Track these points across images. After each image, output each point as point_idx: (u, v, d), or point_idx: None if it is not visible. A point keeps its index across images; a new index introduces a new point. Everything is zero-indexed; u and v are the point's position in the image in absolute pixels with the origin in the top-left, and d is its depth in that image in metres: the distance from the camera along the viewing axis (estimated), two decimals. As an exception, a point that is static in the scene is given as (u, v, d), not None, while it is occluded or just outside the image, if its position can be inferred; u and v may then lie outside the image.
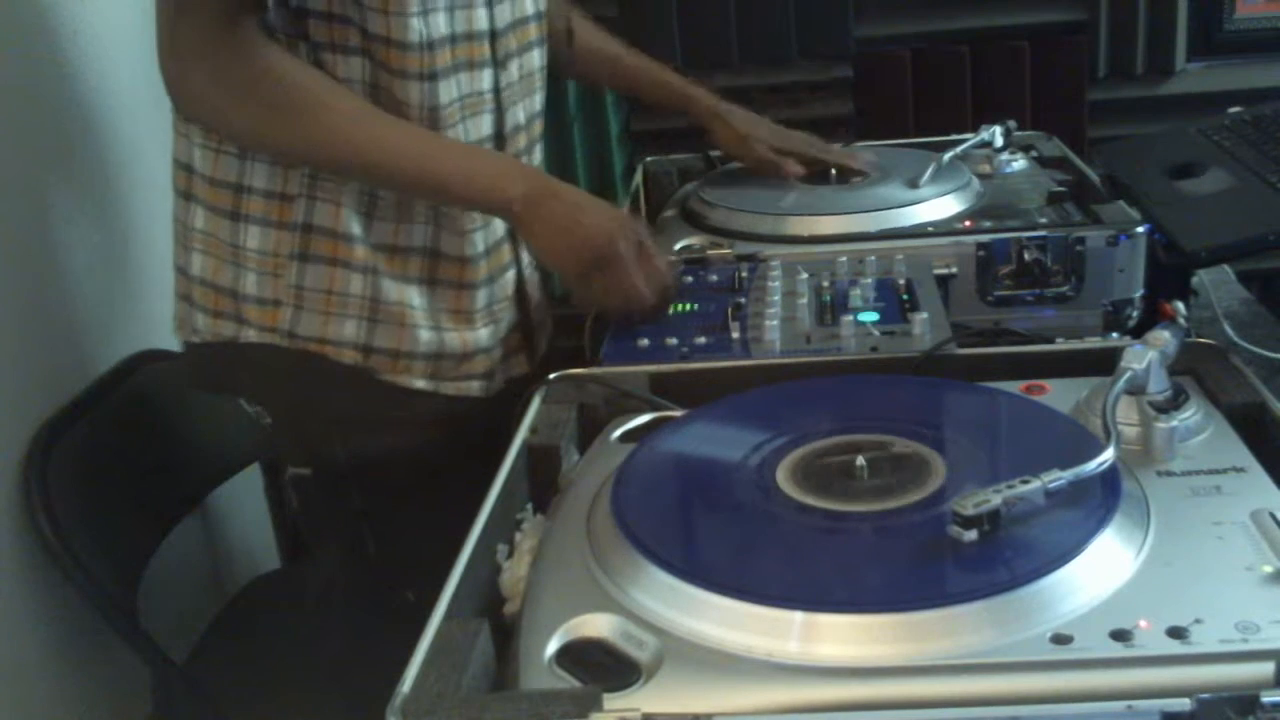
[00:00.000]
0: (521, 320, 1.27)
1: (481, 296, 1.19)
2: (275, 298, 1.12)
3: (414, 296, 1.15)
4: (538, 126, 1.28)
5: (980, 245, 1.18)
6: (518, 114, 1.22)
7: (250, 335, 1.14)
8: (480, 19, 1.15)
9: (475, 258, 1.18)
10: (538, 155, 1.29)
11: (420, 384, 1.17)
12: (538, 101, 1.27)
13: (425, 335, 1.15)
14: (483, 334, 1.20)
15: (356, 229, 1.12)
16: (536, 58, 1.24)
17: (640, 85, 1.53)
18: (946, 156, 1.38)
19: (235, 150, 1.10)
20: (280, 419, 1.20)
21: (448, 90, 1.12)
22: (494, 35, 1.17)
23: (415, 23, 1.07)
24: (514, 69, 1.20)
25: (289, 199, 1.11)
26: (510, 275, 1.24)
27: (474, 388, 1.20)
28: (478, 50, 1.15)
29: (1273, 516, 0.68)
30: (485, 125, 1.18)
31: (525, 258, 1.26)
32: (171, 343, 1.52)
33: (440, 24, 1.10)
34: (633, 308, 1.09)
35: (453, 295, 1.18)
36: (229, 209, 1.12)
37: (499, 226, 1.21)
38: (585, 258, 1.08)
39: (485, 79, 1.17)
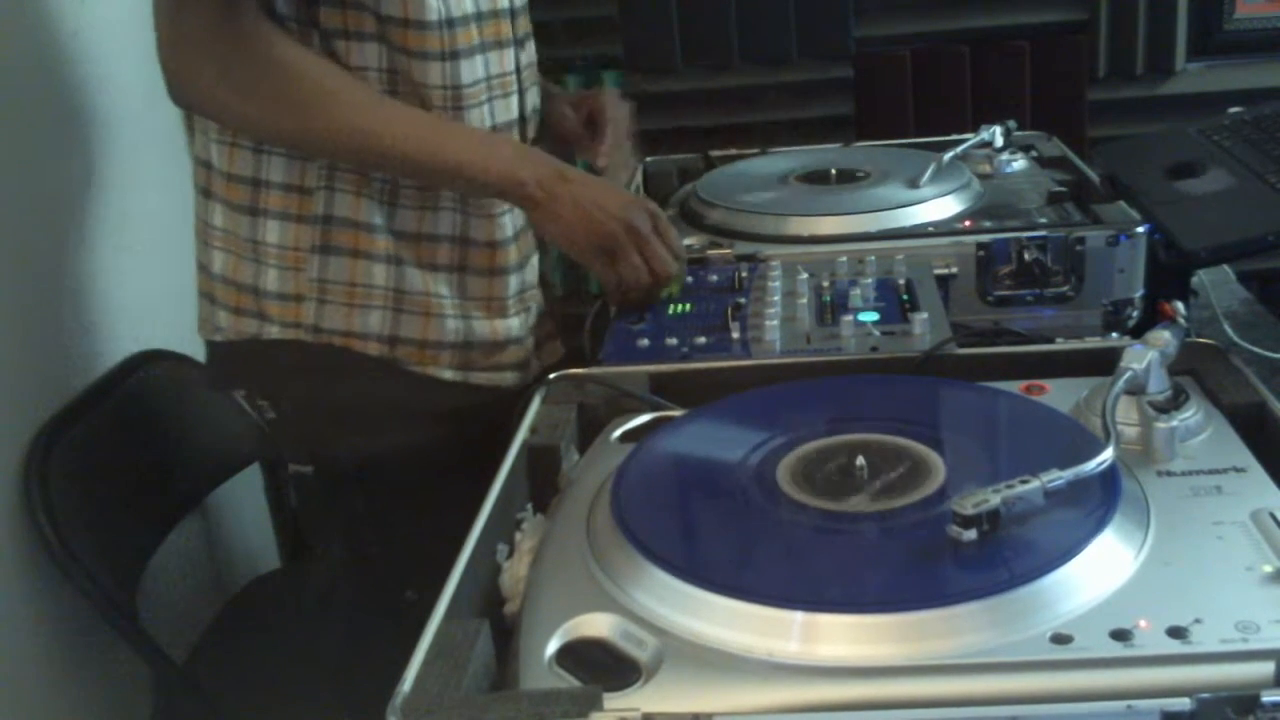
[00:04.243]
0: (548, 307, 1.27)
1: (514, 283, 1.19)
2: (297, 293, 1.12)
3: (441, 285, 1.15)
4: (537, 119, 1.28)
5: (980, 245, 1.18)
6: (533, 97, 1.22)
7: (273, 332, 1.14)
8: None
9: (505, 242, 1.17)
10: None
11: (448, 375, 1.16)
12: (537, 92, 1.27)
13: (452, 324, 1.15)
14: (514, 323, 1.20)
15: (378, 219, 1.11)
16: (532, 49, 1.25)
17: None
18: (946, 156, 1.38)
19: (251, 145, 1.10)
20: (289, 415, 1.20)
21: (471, 70, 1.11)
22: (513, 13, 1.17)
23: (433, 1, 1.07)
24: (528, 50, 1.21)
25: (308, 192, 1.10)
26: (536, 260, 1.24)
27: (508, 379, 1.20)
28: (503, 28, 1.15)
29: (1273, 516, 0.68)
30: (513, 108, 1.19)
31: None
32: (171, 342, 1.53)
33: (466, 1, 1.10)
34: (657, 280, 1.09)
35: (484, 283, 1.17)
36: (247, 204, 1.12)
37: None
38: (602, 235, 1.08)
39: (510, 59, 1.17)
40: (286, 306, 1.13)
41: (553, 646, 0.64)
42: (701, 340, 1.03)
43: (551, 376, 0.95)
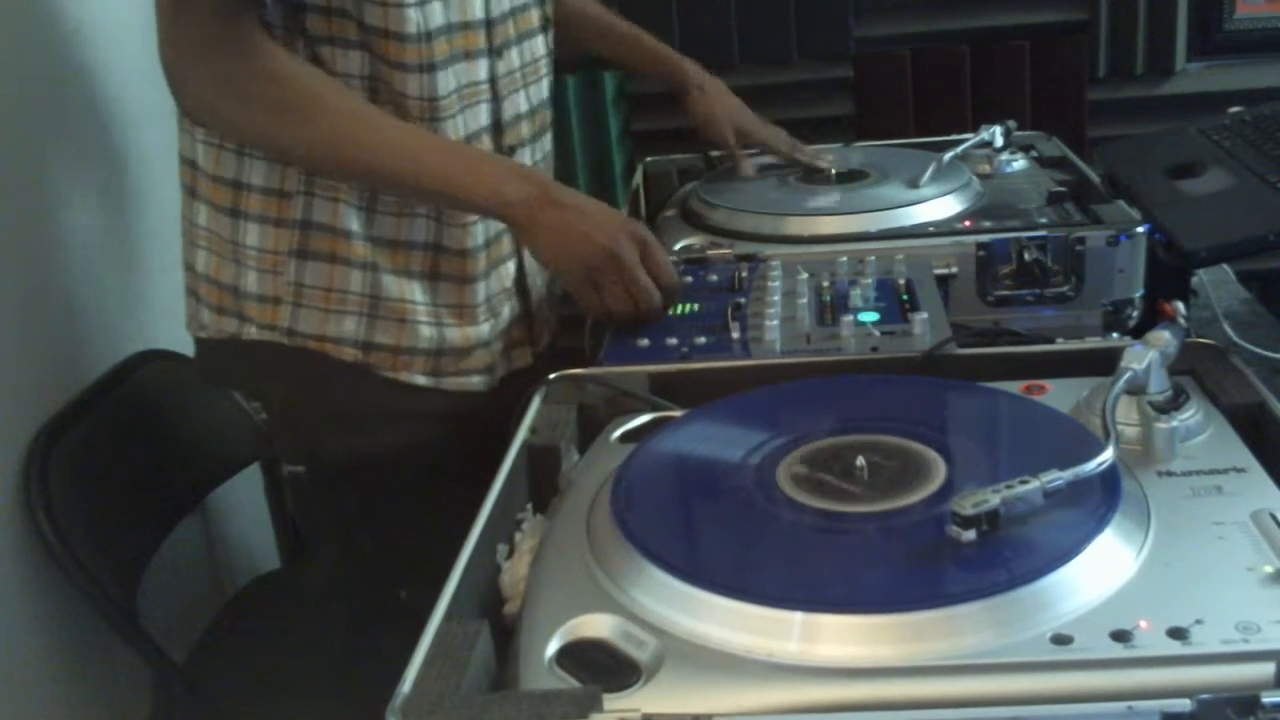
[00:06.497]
0: (523, 312, 1.27)
1: (481, 290, 1.19)
2: (275, 295, 1.13)
3: (416, 292, 1.15)
4: (544, 115, 1.27)
5: (980, 245, 1.18)
6: (518, 103, 1.22)
7: (252, 332, 1.15)
8: (475, 8, 1.15)
9: (475, 250, 1.18)
10: (547, 143, 1.29)
11: (421, 380, 1.17)
12: (544, 88, 1.26)
13: (426, 331, 1.15)
14: (484, 329, 1.20)
15: (356, 225, 1.12)
16: (540, 44, 1.24)
17: (625, 50, 1.54)
18: (946, 156, 1.38)
19: (234, 147, 1.10)
20: (279, 416, 1.21)
21: (445, 81, 1.12)
22: (489, 24, 1.17)
23: (413, 14, 1.07)
24: (514, 57, 1.20)
25: (287, 196, 1.11)
26: (510, 266, 1.24)
27: (474, 383, 1.20)
28: (473, 40, 1.15)
29: (1273, 516, 0.68)
30: (482, 116, 1.18)
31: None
32: (171, 342, 1.53)
33: (436, 14, 1.10)
34: (640, 311, 1.07)
35: (455, 290, 1.17)
36: (229, 206, 1.12)
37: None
38: (586, 263, 1.06)
39: (481, 69, 1.17)
40: (264, 308, 1.13)
41: (553, 647, 0.64)
42: (701, 340, 1.03)
43: (551, 376, 0.95)
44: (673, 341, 1.03)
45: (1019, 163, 1.44)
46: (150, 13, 1.04)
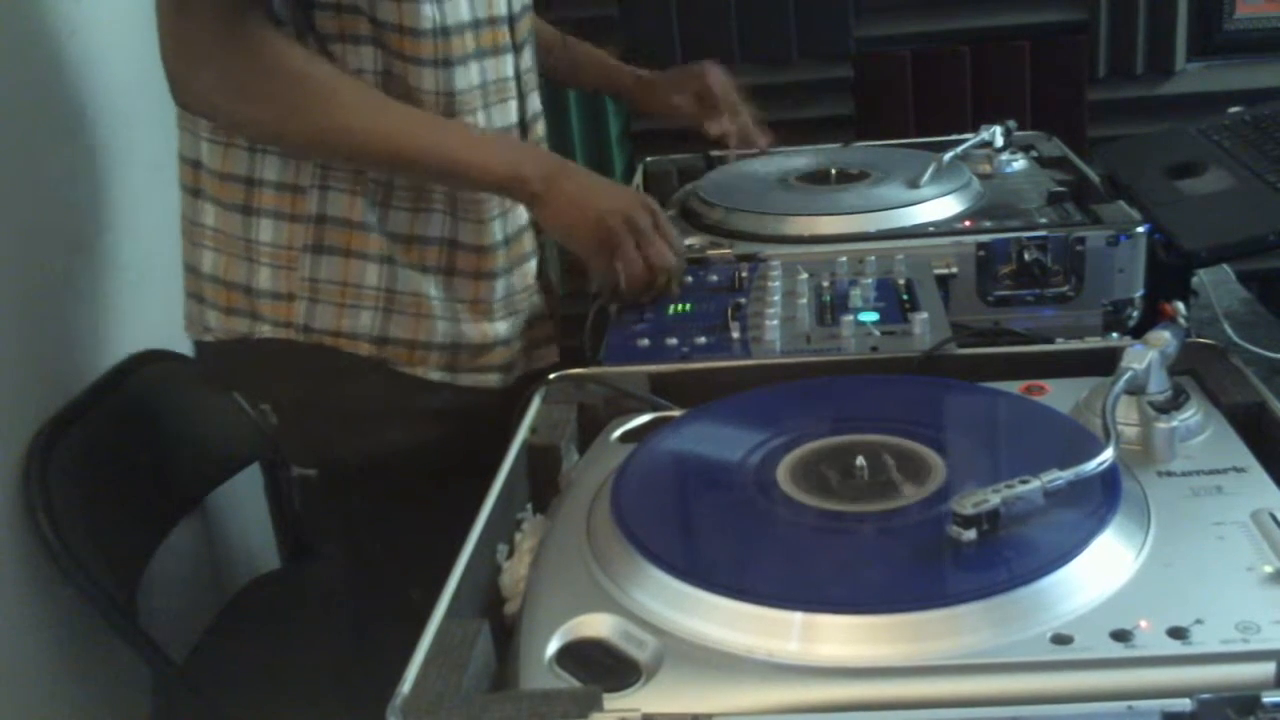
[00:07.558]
0: (548, 311, 1.28)
1: (500, 287, 1.19)
2: (289, 291, 1.12)
3: (430, 287, 1.15)
4: (542, 120, 1.28)
5: (980, 245, 1.18)
6: (535, 101, 1.23)
7: (264, 331, 1.14)
8: (500, 3, 1.15)
9: (494, 247, 1.18)
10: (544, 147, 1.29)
11: (436, 376, 1.17)
12: (539, 97, 1.27)
13: (442, 326, 1.16)
14: (501, 326, 1.20)
15: (372, 219, 1.12)
16: (530, 53, 1.25)
17: (574, 68, 1.55)
18: (946, 156, 1.38)
19: (245, 144, 1.10)
20: (289, 417, 1.20)
21: (465, 76, 1.12)
22: (512, 20, 1.18)
23: (428, 9, 1.07)
24: (527, 55, 1.21)
25: (301, 191, 1.10)
26: (532, 265, 1.25)
27: (491, 380, 1.20)
28: (500, 36, 1.16)
29: (1273, 516, 0.68)
30: (511, 112, 1.19)
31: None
32: (171, 342, 1.53)
33: (462, 10, 1.11)
34: (654, 272, 1.10)
35: (470, 286, 1.18)
36: (240, 204, 1.12)
37: (521, 215, 1.21)
38: (602, 228, 1.09)
39: (508, 65, 1.18)
40: (278, 305, 1.13)
41: (553, 647, 0.64)
42: (701, 340, 1.03)
43: (551, 376, 0.95)
44: (673, 341, 1.04)
45: (1019, 163, 1.44)
46: (149, 14, 1.03)
